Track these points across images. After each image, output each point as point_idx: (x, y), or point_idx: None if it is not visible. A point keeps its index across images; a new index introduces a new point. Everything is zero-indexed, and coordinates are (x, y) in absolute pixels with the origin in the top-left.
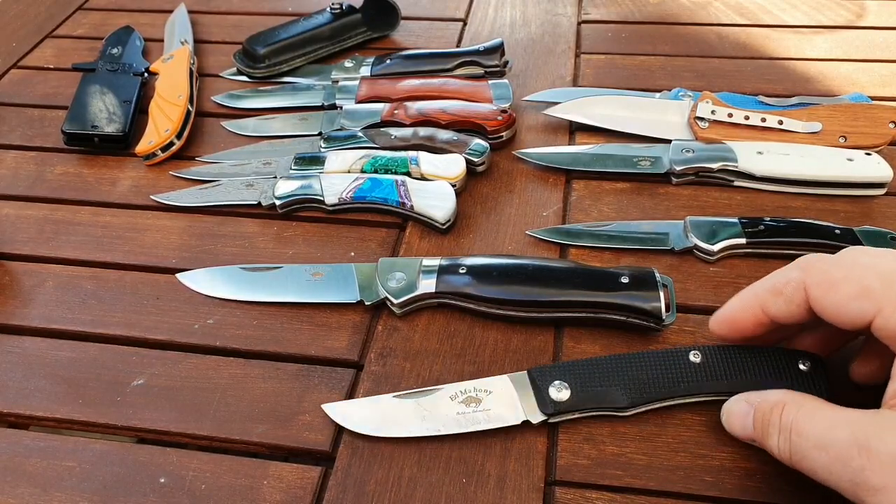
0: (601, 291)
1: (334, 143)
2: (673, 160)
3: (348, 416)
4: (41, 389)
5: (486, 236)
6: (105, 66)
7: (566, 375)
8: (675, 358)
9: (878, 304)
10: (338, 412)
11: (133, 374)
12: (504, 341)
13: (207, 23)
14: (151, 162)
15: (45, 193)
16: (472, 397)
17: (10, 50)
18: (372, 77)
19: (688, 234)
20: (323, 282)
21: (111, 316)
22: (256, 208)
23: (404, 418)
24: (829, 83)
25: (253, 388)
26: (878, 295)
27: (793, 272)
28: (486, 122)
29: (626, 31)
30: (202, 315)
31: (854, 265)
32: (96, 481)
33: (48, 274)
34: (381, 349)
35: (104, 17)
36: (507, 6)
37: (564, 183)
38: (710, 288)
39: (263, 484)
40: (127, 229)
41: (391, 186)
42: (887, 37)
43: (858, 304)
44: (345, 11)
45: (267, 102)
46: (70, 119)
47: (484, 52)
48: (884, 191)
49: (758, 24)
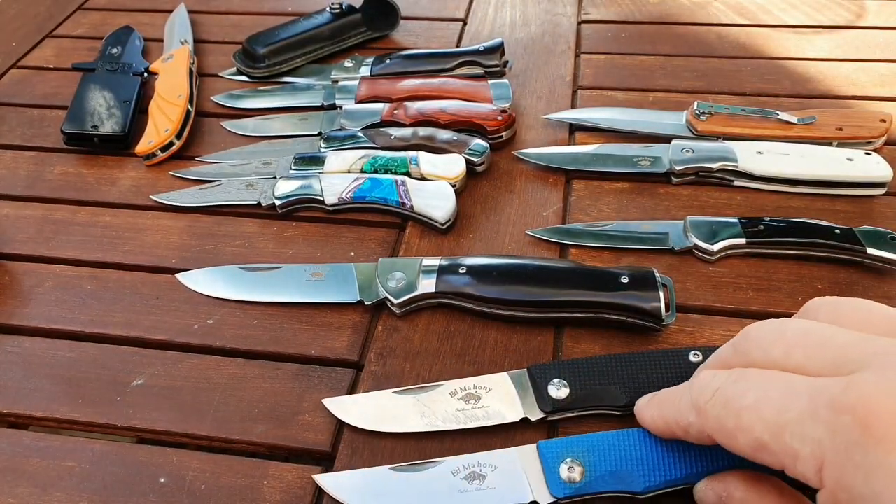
0: (601, 291)
1: (334, 143)
2: (673, 160)
3: (348, 411)
4: (41, 389)
5: (486, 236)
6: (105, 65)
7: (565, 373)
8: (675, 358)
9: (777, 459)
10: (337, 406)
11: (133, 374)
12: (504, 341)
13: (207, 23)
14: (151, 162)
15: (45, 193)
16: (472, 394)
17: (10, 50)
18: (372, 77)
19: (688, 233)
20: (323, 282)
21: (111, 316)
22: (256, 208)
23: (403, 414)
24: (829, 83)
25: (253, 388)
26: (771, 449)
27: (691, 414)
28: (485, 122)
29: (626, 31)
30: (202, 315)
31: (742, 410)
32: (96, 481)
33: (48, 274)
34: (381, 349)
35: (104, 17)
36: (507, 6)
37: (564, 183)
38: (709, 288)
39: (263, 484)
40: (127, 229)
41: (391, 186)
42: (887, 37)
43: (761, 456)
44: (345, 11)
45: (267, 102)
46: (70, 119)
47: (484, 51)
48: (884, 191)
49: (758, 24)
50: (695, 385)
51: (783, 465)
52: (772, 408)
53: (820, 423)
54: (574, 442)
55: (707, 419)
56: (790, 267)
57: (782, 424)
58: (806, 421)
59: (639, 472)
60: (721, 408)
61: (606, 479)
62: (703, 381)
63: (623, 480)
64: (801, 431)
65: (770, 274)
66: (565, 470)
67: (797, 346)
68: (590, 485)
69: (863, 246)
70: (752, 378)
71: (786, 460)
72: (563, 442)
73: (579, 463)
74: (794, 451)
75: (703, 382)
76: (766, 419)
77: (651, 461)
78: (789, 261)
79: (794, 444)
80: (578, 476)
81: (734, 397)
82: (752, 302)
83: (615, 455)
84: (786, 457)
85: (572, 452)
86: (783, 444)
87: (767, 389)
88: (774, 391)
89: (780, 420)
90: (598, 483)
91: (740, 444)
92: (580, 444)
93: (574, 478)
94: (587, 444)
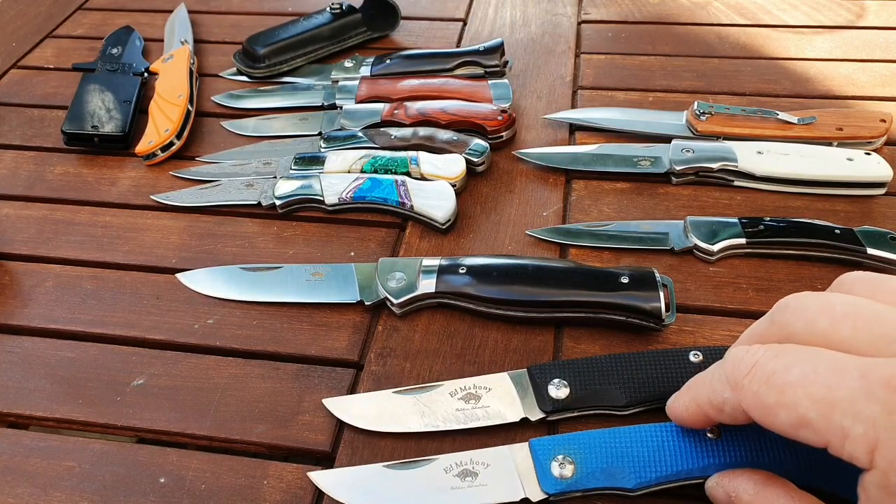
0: (601, 291)
1: (334, 143)
2: (673, 160)
3: (348, 410)
4: (41, 389)
5: (486, 236)
6: (105, 66)
7: (565, 373)
8: (675, 358)
9: (823, 437)
10: (337, 406)
11: (133, 374)
12: (504, 341)
13: (207, 23)
14: (151, 162)
15: (45, 193)
16: (472, 394)
17: (10, 50)
18: (372, 77)
19: (688, 233)
20: (323, 282)
21: (111, 316)
22: (256, 208)
23: (403, 414)
24: (829, 83)
25: (253, 387)
26: (817, 427)
27: (725, 390)
28: (486, 122)
29: (626, 31)
30: (202, 315)
31: (786, 386)
32: (96, 481)
33: (48, 274)
34: (381, 349)
35: (104, 17)
36: (507, 6)
37: (564, 183)
38: (710, 288)
39: (263, 484)
40: (127, 229)
41: (391, 186)
42: (887, 37)
43: (803, 433)
44: (345, 11)
45: (267, 102)
46: (70, 119)
47: (484, 52)
48: (884, 191)
49: (758, 24)
50: (728, 360)
51: (827, 444)
52: (820, 384)
53: (875, 403)
54: (566, 439)
55: (744, 394)
56: (790, 267)
57: (832, 402)
58: (859, 399)
59: (630, 469)
60: (761, 382)
61: (598, 476)
62: (737, 356)
63: (614, 477)
64: (853, 410)
65: (770, 274)
66: (557, 467)
67: (845, 320)
68: (581, 481)
69: (863, 246)
70: (794, 353)
71: (832, 439)
72: (554, 439)
73: (571, 460)
74: (844, 429)
75: (738, 356)
76: (813, 396)
77: (642, 458)
78: (789, 261)
79: (845, 422)
80: (570, 472)
81: (776, 372)
82: (752, 302)
83: (607, 452)
84: (833, 435)
85: (564, 449)
86: (831, 423)
87: (814, 365)
88: (822, 367)
89: (830, 397)
90: (589, 479)
91: (780, 421)
92: (572, 441)
93: (565, 474)
94: (579, 441)
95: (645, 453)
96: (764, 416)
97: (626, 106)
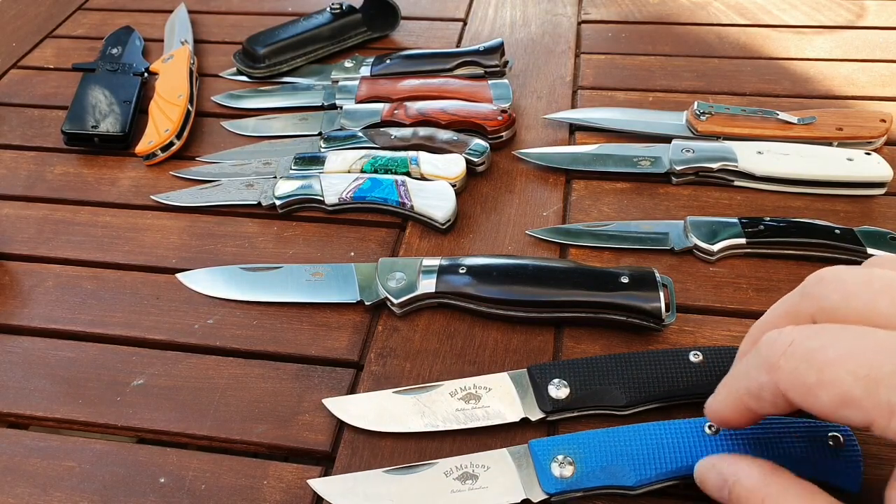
0: (601, 291)
1: (334, 143)
2: (673, 160)
3: (348, 410)
4: (41, 389)
5: (486, 236)
6: (105, 66)
7: (566, 374)
8: (675, 358)
9: (867, 415)
10: (337, 406)
11: (133, 374)
12: (504, 341)
13: (207, 23)
14: (151, 162)
15: (45, 193)
16: (472, 394)
17: (10, 50)
18: (372, 77)
19: (688, 233)
20: (323, 282)
21: (111, 316)
22: (256, 208)
23: (403, 414)
24: (829, 83)
25: (253, 387)
26: (861, 404)
27: (762, 375)
28: (486, 122)
29: (626, 31)
30: (202, 315)
31: (826, 364)
32: (96, 481)
33: (48, 274)
34: (381, 349)
35: (104, 17)
36: (507, 6)
37: (564, 183)
38: (710, 288)
39: (263, 484)
40: (127, 229)
41: (391, 186)
42: (887, 37)
43: (845, 413)
44: (345, 11)
45: (267, 102)
46: (70, 119)
47: (484, 52)
48: (884, 191)
49: (758, 24)
50: (763, 343)
51: (871, 422)
52: (863, 362)
53: None
54: (565, 439)
55: (782, 374)
56: (790, 267)
57: (877, 379)
58: None
59: (630, 467)
60: (800, 361)
61: (598, 475)
62: (772, 337)
63: (614, 475)
64: None
65: (770, 274)
66: (556, 467)
67: (885, 294)
68: (581, 480)
69: (863, 246)
70: (831, 331)
71: (877, 417)
72: (554, 440)
73: (571, 460)
74: (890, 406)
75: (773, 338)
76: (856, 373)
77: (642, 455)
78: (789, 261)
79: (893, 398)
80: (570, 472)
81: (815, 350)
82: (752, 302)
83: (606, 450)
84: (878, 413)
85: (563, 449)
86: (877, 400)
87: (854, 342)
88: (863, 344)
89: (873, 374)
90: (589, 478)
91: (821, 400)
92: (571, 441)
93: (565, 474)
94: (578, 440)
95: (644, 451)
96: (804, 396)
97: (626, 106)
